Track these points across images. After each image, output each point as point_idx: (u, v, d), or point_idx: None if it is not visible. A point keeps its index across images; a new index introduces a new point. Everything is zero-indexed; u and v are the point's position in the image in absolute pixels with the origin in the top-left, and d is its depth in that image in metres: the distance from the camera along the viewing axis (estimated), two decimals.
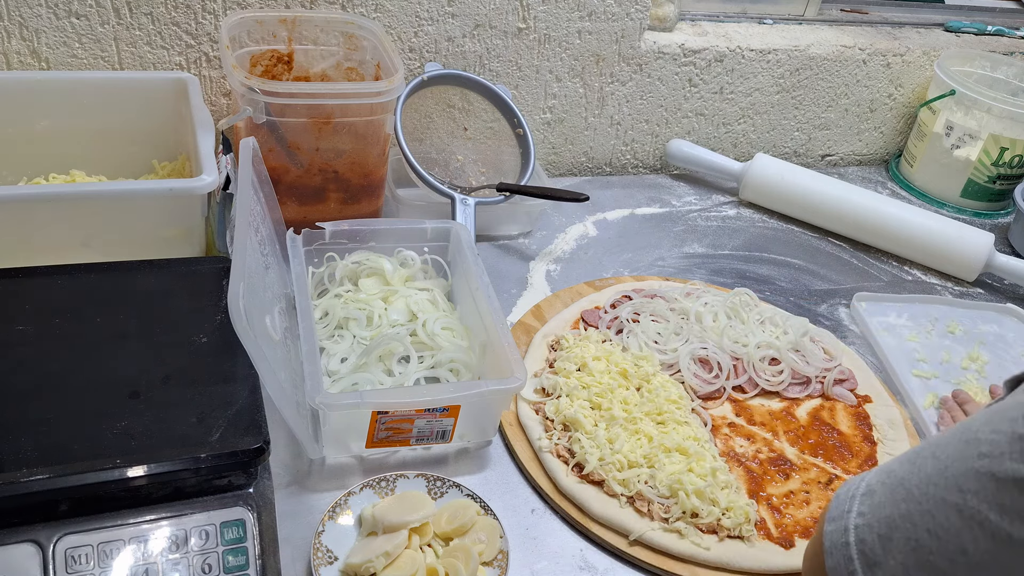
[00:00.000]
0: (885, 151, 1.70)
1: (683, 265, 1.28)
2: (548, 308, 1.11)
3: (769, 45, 1.47)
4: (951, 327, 1.22)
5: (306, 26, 1.16)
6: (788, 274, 1.30)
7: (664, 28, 1.43)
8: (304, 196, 1.11)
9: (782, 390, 1.02)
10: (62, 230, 0.94)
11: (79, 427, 0.69)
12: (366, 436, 0.85)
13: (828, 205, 1.38)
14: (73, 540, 0.66)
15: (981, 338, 1.21)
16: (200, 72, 1.19)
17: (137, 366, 0.76)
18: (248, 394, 0.74)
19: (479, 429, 0.91)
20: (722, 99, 1.50)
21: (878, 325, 1.19)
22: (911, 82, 1.60)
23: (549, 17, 1.31)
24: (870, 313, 1.21)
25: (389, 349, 0.94)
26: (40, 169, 1.10)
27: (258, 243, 0.87)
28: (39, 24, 1.09)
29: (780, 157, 1.50)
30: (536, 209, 1.27)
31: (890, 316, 1.22)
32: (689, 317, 1.08)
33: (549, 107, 1.40)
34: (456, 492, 0.83)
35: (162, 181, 1.03)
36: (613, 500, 0.85)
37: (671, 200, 1.44)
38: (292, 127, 1.05)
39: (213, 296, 0.85)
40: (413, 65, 1.28)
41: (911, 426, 1.02)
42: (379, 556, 0.74)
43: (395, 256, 1.05)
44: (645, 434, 0.90)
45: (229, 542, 0.69)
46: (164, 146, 1.14)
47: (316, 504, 0.82)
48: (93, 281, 0.85)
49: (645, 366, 0.99)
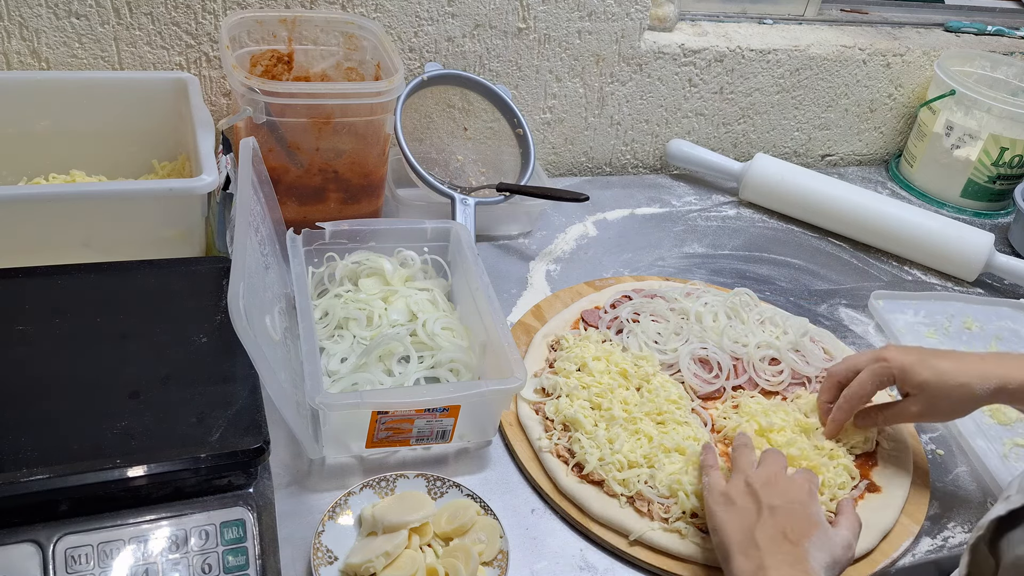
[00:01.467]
0: (885, 151, 1.70)
1: (683, 265, 1.28)
2: (548, 308, 1.11)
3: (769, 45, 1.47)
4: (967, 323, 1.23)
5: (306, 26, 1.16)
6: (788, 274, 1.30)
7: (664, 28, 1.43)
8: (304, 196, 1.11)
9: (782, 390, 1.02)
10: (62, 230, 0.94)
11: (79, 427, 0.69)
12: (366, 436, 0.85)
13: (828, 205, 1.38)
14: (73, 540, 0.66)
15: (997, 333, 1.22)
16: (200, 72, 1.19)
17: (137, 366, 0.76)
18: (248, 394, 0.74)
19: (479, 429, 0.91)
20: (722, 99, 1.50)
21: (898, 323, 1.20)
22: (911, 82, 1.60)
23: (549, 17, 1.31)
24: (888, 311, 1.22)
25: (389, 349, 0.94)
26: (40, 169, 1.09)
27: (258, 243, 0.87)
28: (39, 24, 1.09)
29: (780, 157, 1.50)
30: (536, 209, 1.27)
31: (907, 314, 1.23)
32: (689, 317, 1.08)
33: (549, 107, 1.40)
34: (456, 492, 0.83)
35: (162, 181, 1.03)
36: (613, 500, 0.85)
37: (671, 200, 1.44)
38: (292, 127, 1.06)
39: (213, 296, 0.85)
40: (413, 65, 1.28)
41: (911, 426, 1.02)
42: (379, 556, 0.74)
43: (395, 256, 1.05)
44: (645, 434, 0.90)
45: (229, 542, 0.69)
46: (164, 146, 1.14)
47: (316, 504, 0.82)
48: (93, 281, 0.85)
49: (645, 366, 0.99)
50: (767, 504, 0.75)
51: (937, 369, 0.86)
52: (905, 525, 0.89)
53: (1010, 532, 0.69)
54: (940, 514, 0.92)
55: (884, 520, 0.88)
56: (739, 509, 0.76)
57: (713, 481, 0.80)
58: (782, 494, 0.76)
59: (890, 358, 0.89)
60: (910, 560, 0.87)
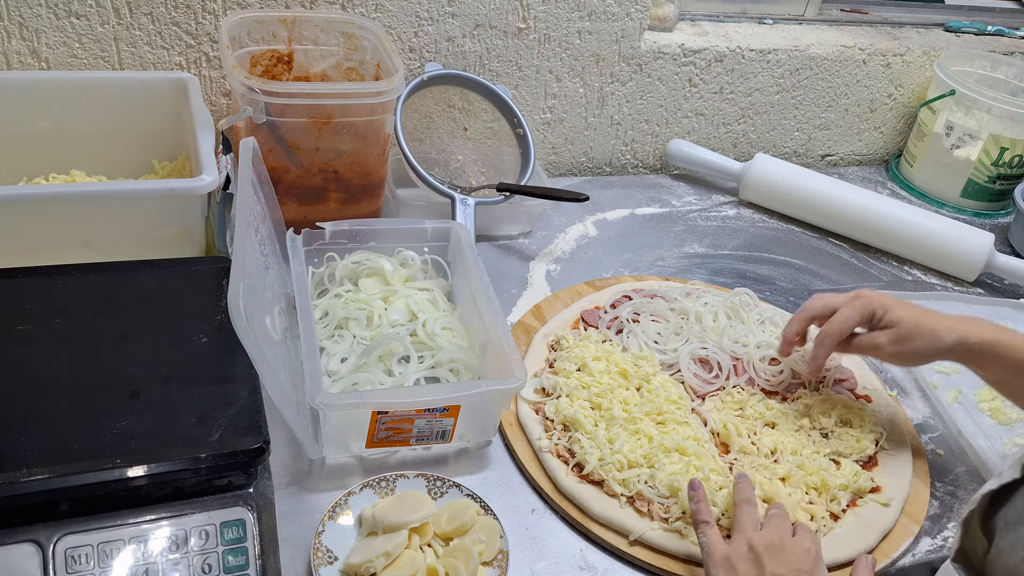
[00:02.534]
0: (885, 151, 1.70)
1: (683, 265, 1.28)
2: (548, 308, 1.11)
3: (769, 45, 1.47)
4: None
5: (306, 26, 1.16)
6: (788, 274, 1.30)
7: (664, 28, 1.43)
8: (304, 196, 1.11)
9: (782, 390, 1.02)
10: (62, 230, 0.94)
11: (79, 427, 0.69)
12: (366, 436, 0.85)
13: (828, 205, 1.38)
14: (73, 540, 0.66)
15: None
16: (200, 72, 1.19)
17: (137, 366, 0.76)
18: (248, 394, 0.74)
19: (479, 429, 0.91)
20: (722, 99, 1.50)
21: None
22: (911, 82, 1.60)
23: (549, 17, 1.31)
24: None
25: (389, 349, 0.94)
26: (40, 169, 1.10)
27: (258, 243, 0.87)
28: (39, 24, 1.09)
29: (780, 157, 1.50)
30: (536, 209, 1.27)
31: None
32: (689, 317, 1.08)
33: (549, 107, 1.40)
34: (456, 492, 0.83)
35: (162, 181, 1.03)
36: (613, 500, 0.85)
37: (671, 200, 1.44)
38: (292, 127, 1.06)
39: (213, 296, 0.85)
40: (413, 65, 1.28)
41: (911, 426, 1.02)
42: (379, 556, 0.74)
43: (395, 256, 1.05)
44: (645, 434, 0.90)
45: (229, 542, 0.69)
46: (164, 146, 1.14)
47: (316, 504, 0.82)
48: (93, 281, 0.85)
49: (645, 366, 0.99)
50: (771, 572, 0.71)
51: (914, 311, 0.92)
52: (905, 525, 0.89)
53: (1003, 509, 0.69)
54: (940, 514, 0.92)
55: (884, 520, 0.88)
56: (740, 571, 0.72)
57: (712, 543, 0.75)
58: (787, 562, 0.72)
59: (871, 296, 0.94)
60: (910, 560, 0.87)
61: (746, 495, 0.80)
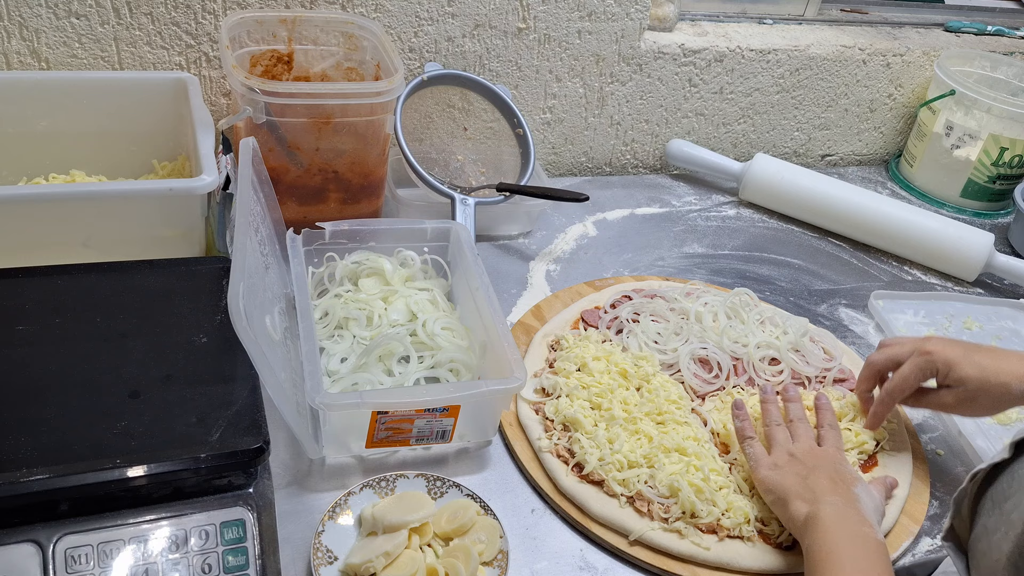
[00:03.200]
0: (885, 151, 1.70)
1: (683, 265, 1.28)
2: (548, 308, 1.11)
3: (769, 45, 1.47)
4: (967, 323, 1.23)
5: (306, 26, 1.16)
6: (788, 274, 1.30)
7: (664, 28, 1.43)
8: (304, 196, 1.11)
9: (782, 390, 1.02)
10: (62, 230, 0.94)
11: (79, 427, 0.69)
12: (366, 436, 0.85)
13: (828, 205, 1.38)
14: (73, 540, 0.66)
15: (997, 333, 1.22)
16: (200, 72, 1.19)
17: (137, 366, 0.76)
18: (248, 394, 0.74)
19: (479, 429, 0.91)
20: (722, 99, 1.50)
21: (898, 323, 1.20)
22: (911, 82, 1.60)
23: (549, 17, 1.31)
24: (888, 311, 1.22)
25: (389, 349, 0.94)
26: (40, 169, 1.10)
27: (258, 243, 0.87)
28: (39, 24, 1.09)
29: (780, 157, 1.50)
30: (536, 209, 1.27)
31: (907, 314, 1.23)
32: (689, 317, 1.08)
33: (549, 107, 1.40)
34: (456, 492, 0.83)
35: (162, 181, 1.02)
36: (613, 500, 0.85)
37: (671, 200, 1.44)
38: (292, 127, 1.06)
39: (213, 296, 0.85)
40: (413, 65, 1.28)
41: (911, 425, 1.02)
42: (379, 556, 0.74)
43: (395, 256, 1.05)
44: (645, 434, 0.90)
45: (229, 542, 0.69)
46: (164, 146, 1.14)
47: (316, 504, 0.82)
48: (93, 281, 0.85)
49: (645, 366, 0.99)
50: (812, 465, 0.83)
51: (980, 366, 0.86)
52: (905, 525, 0.89)
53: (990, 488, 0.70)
54: (940, 514, 0.92)
55: (884, 520, 0.88)
56: (788, 470, 0.83)
57: (758, 452, 0.87)
58: (822, 459, 0.85)
59: (934, 351, 0.89)
60: (910, 560, 0.87)
61: (775, 418, 0.91)
